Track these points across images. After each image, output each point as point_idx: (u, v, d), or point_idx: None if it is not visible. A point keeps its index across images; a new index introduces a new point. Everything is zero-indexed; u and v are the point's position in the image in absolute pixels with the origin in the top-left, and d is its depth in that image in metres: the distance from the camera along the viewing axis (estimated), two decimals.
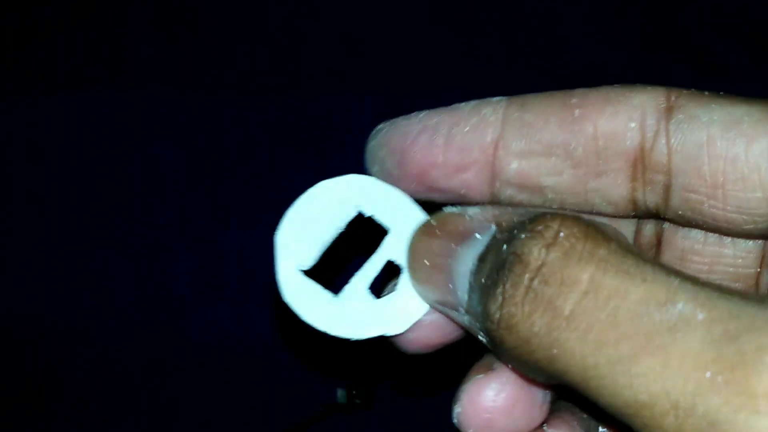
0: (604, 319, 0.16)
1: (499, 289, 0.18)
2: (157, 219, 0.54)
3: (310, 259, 0.22)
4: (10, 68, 0.57)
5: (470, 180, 0.21)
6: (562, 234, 0.18)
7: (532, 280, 0.18)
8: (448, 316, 0.21)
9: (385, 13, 0.58)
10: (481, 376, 0.21)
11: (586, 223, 0.18)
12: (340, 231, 0.22)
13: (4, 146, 0.55)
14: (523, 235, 0.18)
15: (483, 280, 0.19)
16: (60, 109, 0.56)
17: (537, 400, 0.21)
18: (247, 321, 0.52)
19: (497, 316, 0.18)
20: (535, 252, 0.18)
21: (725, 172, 0.19)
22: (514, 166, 0.21)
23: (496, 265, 0.19)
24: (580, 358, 0.16)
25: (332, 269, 0.23)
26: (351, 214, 0.22)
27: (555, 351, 0.17)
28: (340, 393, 0.50)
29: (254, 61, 0.57)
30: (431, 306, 0.21)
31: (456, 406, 0.21)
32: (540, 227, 0.18)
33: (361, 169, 0.55)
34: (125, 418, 0.51)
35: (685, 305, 0.15)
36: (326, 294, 0.22)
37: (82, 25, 0.58)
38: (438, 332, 0.22)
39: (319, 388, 0.51)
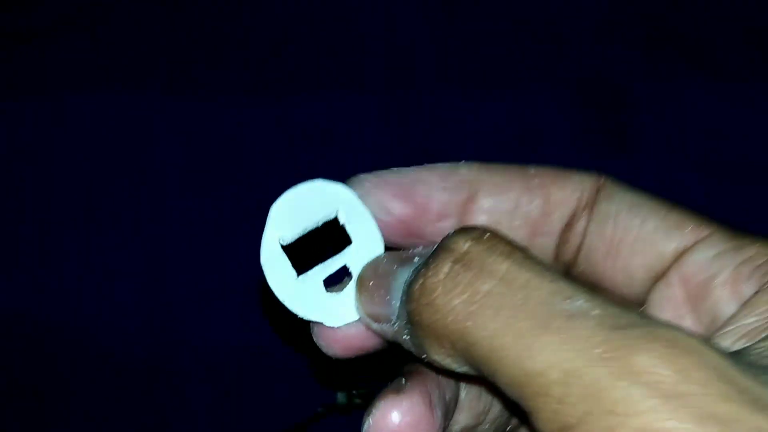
0: (516, 302, 0.19)
1: (422, 271, 0.21)
2: (159, 220, 0.54)
3: (290, 236, 0.25)
4: (13, 69, 0.57)
5: (446, 229, 0.23)
6: (487, 235, 0.21)
7: (455, 263, 0.21)
8: (378, 332, 0.24)
9: (385, 13, 0.58)
10: (391, 395, 0.23)
11: (510, 237, 0.21)
12: (318, 225, 0.26)
13: (5, 146, 0.55)
14: (453, 232, 0.22)
15: (411, 276, 0.22)
16: (62, 110, 0.56)
17: (437, 423, 0.23)
18: (248, 322, 0.53)
19: (418, 293, 0.21)
20: (461, 243, 0.21)
21: (621, 238, 0.24)
22: (482, 219, 0.25)
23: (425, 260, 0.22)
24: (491, 331, 0.19)
25: (307, 258, 0.27)
26: (331, 216, 0.26)
27: (469, 323, 0.20)
28: (340, 393, 0.50)
29: (255, 62, 0.57)
30: (365, 323, 0.24)
31: (365, 421, 0.24)
32: (469, 227, 0.22)
33: (359, 169, 0.55)
34: (125, 419, 0.51)
35: (584, 302, 0.19)
36: (292, 271, 0.25)
37: (85, 27, 0.58)
38: (357, 339, 0.25)
39: (319, 388, 0.51)
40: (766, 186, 0.55)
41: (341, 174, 0.56)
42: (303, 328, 0.26)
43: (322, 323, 0.25)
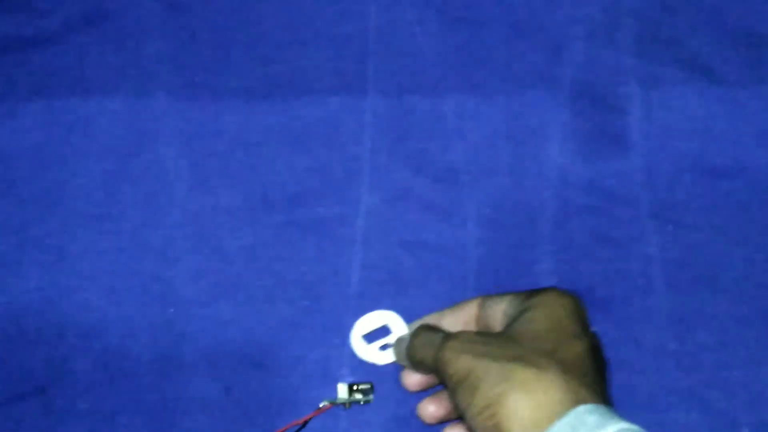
0: (447, 345, 0.44)
1: (411, 341, 0.48)
2: (164, 220, 0.54)
3: (362, 333, 0.52)
4: (20, 73, 0.57)
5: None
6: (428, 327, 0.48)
7: (418, 338, 0.48)
8: (400, 363, 0.50)
9: (385, 18, 0.59)
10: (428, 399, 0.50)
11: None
12: (377, 327, 0.52)
13: (12, 148, 0.56)
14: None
15: (408, 343, 0.48)
16: (68, 113, 0.56)
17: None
18: (248, 320, 0.53)
19: (412, 348, 0.48)
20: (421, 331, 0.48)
21: (493, 314, 0.47)
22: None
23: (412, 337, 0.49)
24: (436, 360, 0.44)
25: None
26: (382, 323, 0.52)
27: (426, 358, 0.46)
28: (341, 388, 0.51)
29: (258, 66, 0.58)
30: (396, 361, 0.51)
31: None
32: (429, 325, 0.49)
33: (358, 171, 0.56)
34: (130, 416, 0.51)
35: (476, 337, 0.45)
36: (364, 343, 0.51)
37: (90, 32, 0.58)
38: (415, 383, 0.50)
39: (320, 384, 0.52)
40: (757, 188, 0.55)
41: (341, 175, 0.56)
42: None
43: (375, 363, 0.51)
